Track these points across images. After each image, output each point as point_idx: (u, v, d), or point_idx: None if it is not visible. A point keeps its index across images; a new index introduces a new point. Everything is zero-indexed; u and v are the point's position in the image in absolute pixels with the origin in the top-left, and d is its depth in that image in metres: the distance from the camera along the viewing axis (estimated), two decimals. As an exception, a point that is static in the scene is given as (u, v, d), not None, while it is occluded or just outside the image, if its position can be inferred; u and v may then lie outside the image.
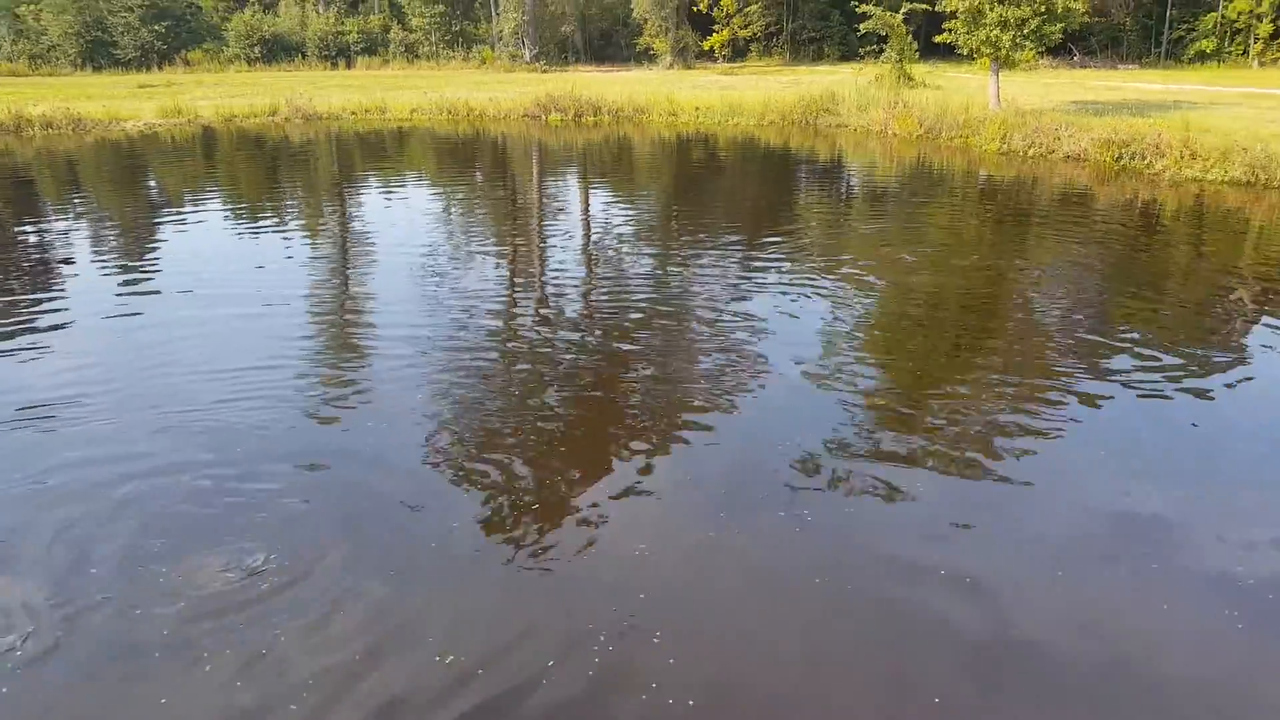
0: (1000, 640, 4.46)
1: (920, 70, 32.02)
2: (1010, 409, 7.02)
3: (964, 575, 4.92)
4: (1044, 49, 23.43)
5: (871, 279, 10.87)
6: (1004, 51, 21.95)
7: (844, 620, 4.63)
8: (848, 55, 51.10)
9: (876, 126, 24.73)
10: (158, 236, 13.87)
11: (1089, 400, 7.17)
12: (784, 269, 11.31)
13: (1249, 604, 4.67)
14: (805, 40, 55.56)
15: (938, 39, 24.53)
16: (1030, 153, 19.77)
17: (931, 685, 4.15)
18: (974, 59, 24.09)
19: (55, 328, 9.22)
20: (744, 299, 10.01)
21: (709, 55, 54.24)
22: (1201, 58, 44.07)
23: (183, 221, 14.98)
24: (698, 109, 29.57)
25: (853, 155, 22.47)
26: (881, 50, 32.09)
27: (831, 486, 5.87)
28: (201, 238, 13.58)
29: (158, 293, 10.52)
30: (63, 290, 10.78)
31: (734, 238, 13.20)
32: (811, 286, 10.44)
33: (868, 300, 10.05)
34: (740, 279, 10.85)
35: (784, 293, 10.20)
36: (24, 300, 10.37)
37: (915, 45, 30.93)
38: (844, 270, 11.17)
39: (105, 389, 7.51)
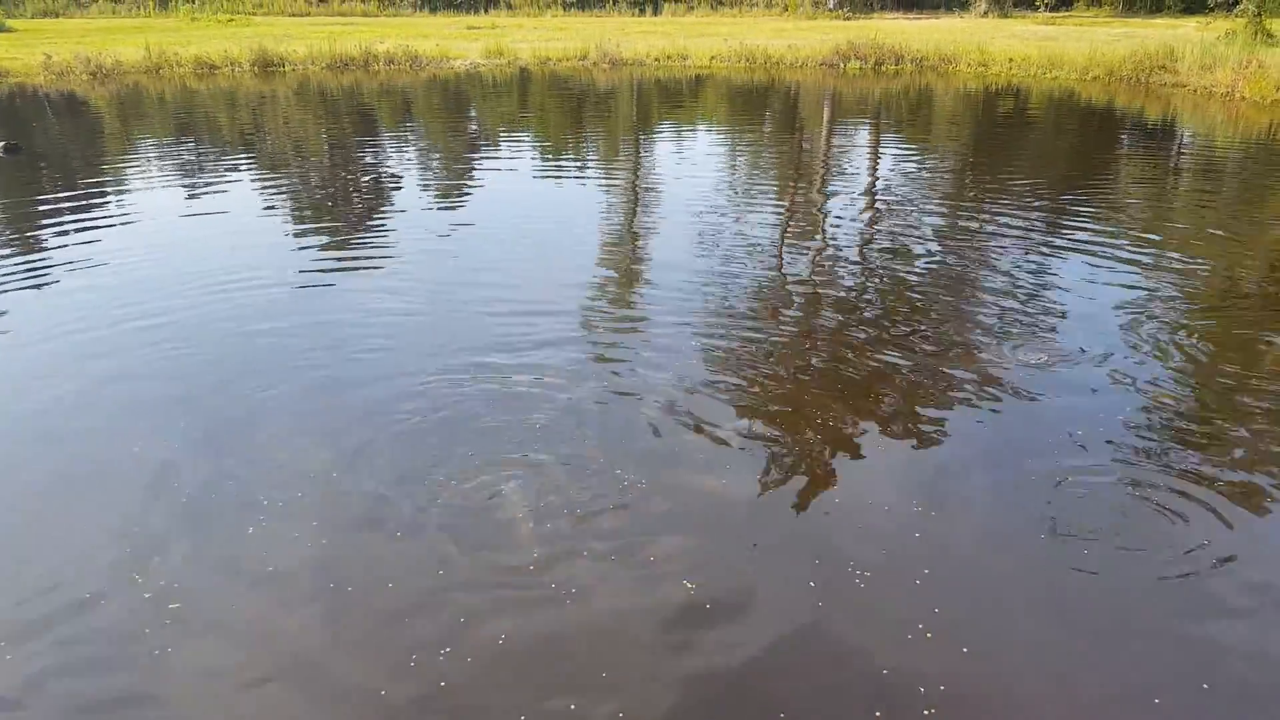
0: None
1: (1284, 24, 28.01)
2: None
3: None
4: None
5: (1194, 260, 9.82)
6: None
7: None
8: (1192, 7, 45.55)
9: (1221, 88, 22.02)
10: (474, 170, 15.21)
11: None
12: (1091, 239, 10.48)
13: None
14: (1145, -13, 50.09)
15: (1311, -14, 21.33)
16: None
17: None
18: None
19: (381, 250, 10.41)
20: (1041, 267, 9.41)
21: (1028, 3, 50.31)
22: None
23: (495, 156, 16.31)
24: (1011, 60, 27.70)
25: (1189, 119, 20.19)
26: (1236, 2, 28.42)
27: (1109, 488, 5.47)
28: (508, 174, 14.67)
29: (469, 224, 11.53)
30: (387, 215, 12.11)
31: (1037, 200, 12.38)
32: (1120, 261, 9.63)
33: (1185, 284, 9.05)
34: (1039, 245, 10.20)
35: (1088, 265, 9.48)
36: (359, 224, 11.81)
37: (1281, -6, 27.06)
38: (1162, 248, 10.18)
39: (406, 317, 8.43)
